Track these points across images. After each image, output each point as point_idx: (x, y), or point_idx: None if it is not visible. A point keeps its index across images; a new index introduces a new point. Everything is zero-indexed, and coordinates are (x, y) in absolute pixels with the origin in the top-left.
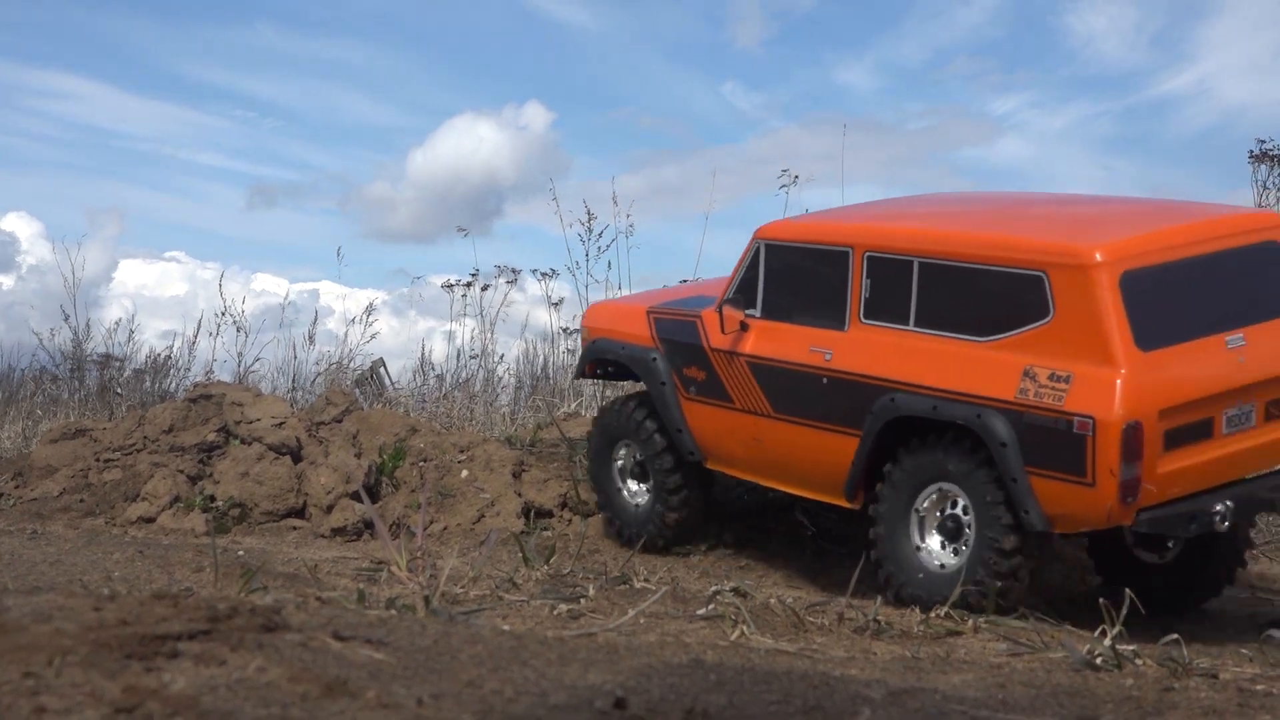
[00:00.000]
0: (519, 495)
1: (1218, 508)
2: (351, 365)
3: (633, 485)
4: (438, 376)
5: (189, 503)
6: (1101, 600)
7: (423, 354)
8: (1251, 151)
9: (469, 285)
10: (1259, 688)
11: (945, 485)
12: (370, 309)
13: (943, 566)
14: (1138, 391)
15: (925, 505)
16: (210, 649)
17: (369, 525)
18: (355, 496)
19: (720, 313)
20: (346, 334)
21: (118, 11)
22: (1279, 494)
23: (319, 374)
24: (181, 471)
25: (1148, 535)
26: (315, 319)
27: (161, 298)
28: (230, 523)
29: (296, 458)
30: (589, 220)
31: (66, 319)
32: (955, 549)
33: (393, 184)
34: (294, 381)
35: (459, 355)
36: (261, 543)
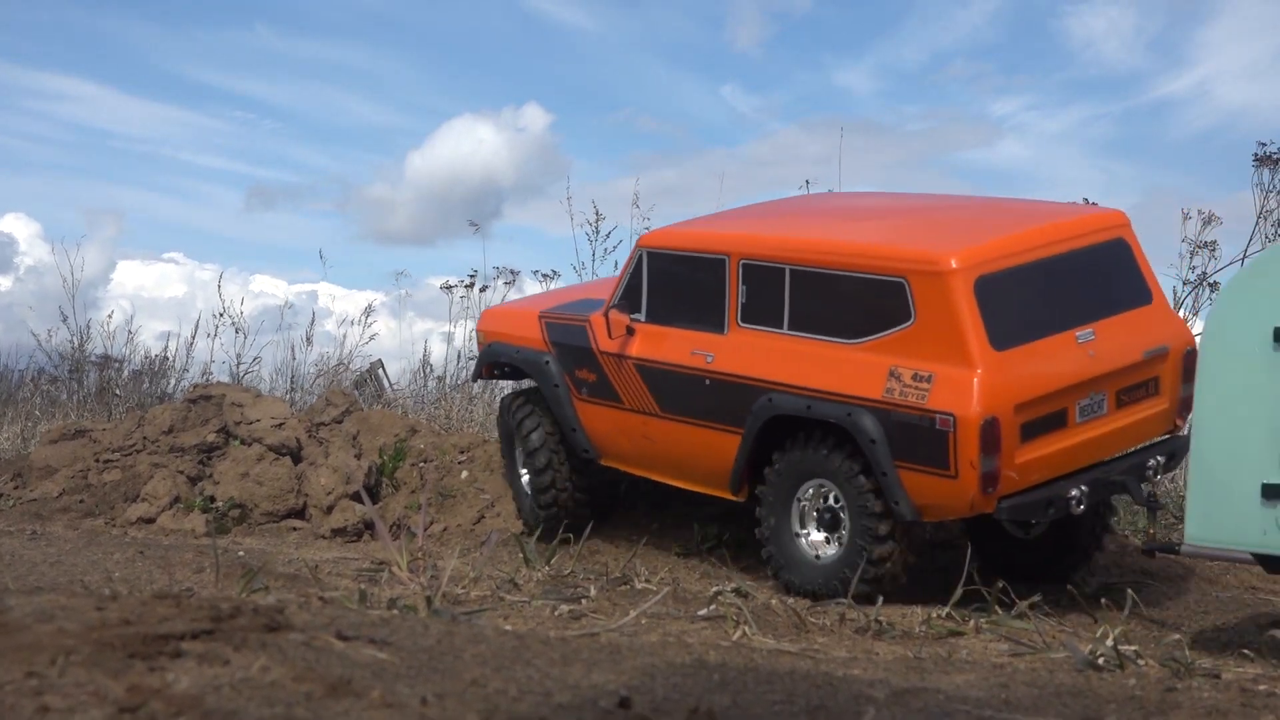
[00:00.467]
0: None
1: (1073, 492)
2: (350, 366)
3: (525, 475)
4: (437, 378)
5: (189, 503)
6: (1104, 601)
7: (424, 355)
8: (1255, 154)
9: (468, 286)
10: (1262, 688)
11: (821, 480)
12: (369, 310)
13: (818, 557)
14: (993, 389)
15: (805, 499)
16: (214, 649)
17: (369, 526)
18: (355, 497)
19: (607, 318)
20: (345, 335)
21: (116, 13)
22: (1130, 476)
23: (318, 375)
24: (181, 472)
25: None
26: (313, 320)
27: (160, 299)
28: (230, 523)
29: (296, 458)
30: (596, 221)
31: (65, 320)
32: (833, 540)
33: (391, 185)
34: (292, 382)
35: (458, 357)
36: (262, 543)
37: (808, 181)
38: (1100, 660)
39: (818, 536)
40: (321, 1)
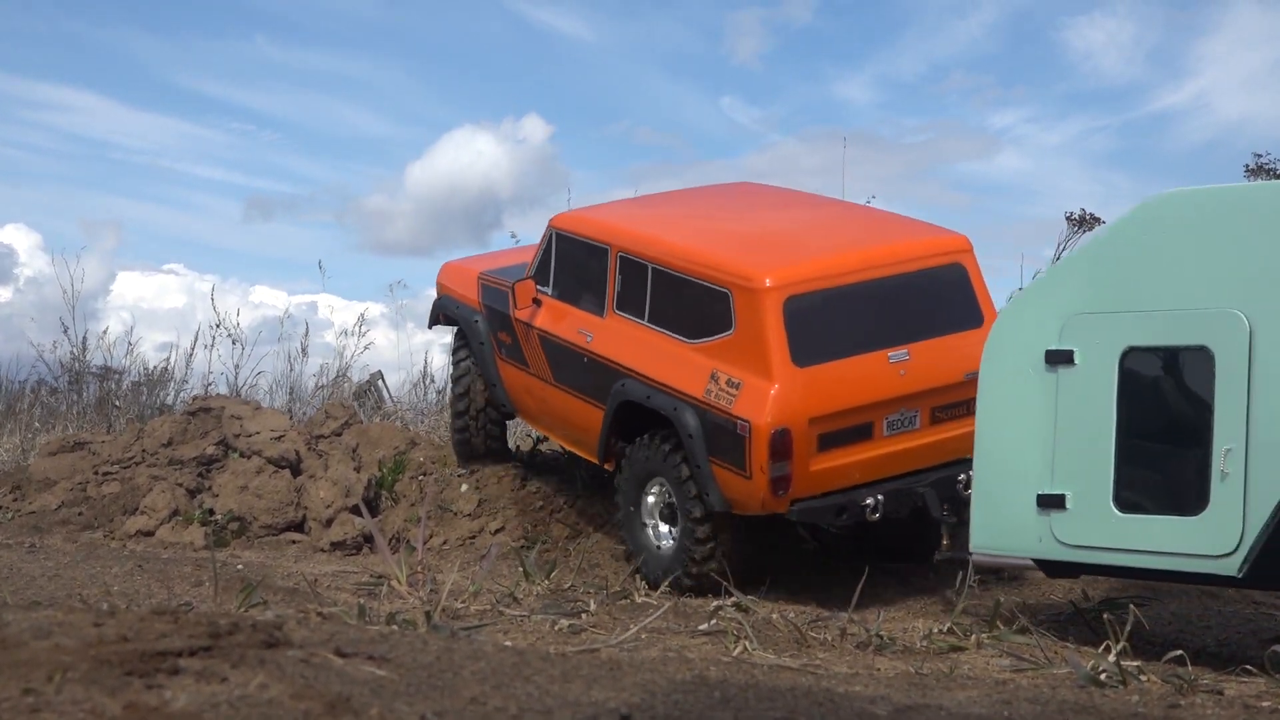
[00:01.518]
0: (520, 508)
1: (868, 500)
2: (348, 377)
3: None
4: (438, 390)
5: (188, 516)
6: (1106, 616)
7: (424, 367)
8: (1248, 165)
9: None
10: (1265, 704)
11: (661, 478)
12: (362, 320)
13: (659, 546)
14: (787, 403)
15: (652, 492)
16: (211, 666)
17: (368, 539)
18: (355, 510)
19: (512, 289)
20: (342, 347)
21: (116, 24)
22: (931, 490)
23: (318, 388)
24: (180, 485)
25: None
26: (307, 332)
27: (160, 310)
28: (229, 536)
29: (296, 471)
30: None
31: (65, 331)
32: (673, 531)
33: (390, 196)
34: (291, 394)
35: None
36: (261, 556)
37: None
38: (1103, 676)
39: (663, 528)
40: (321, 13)
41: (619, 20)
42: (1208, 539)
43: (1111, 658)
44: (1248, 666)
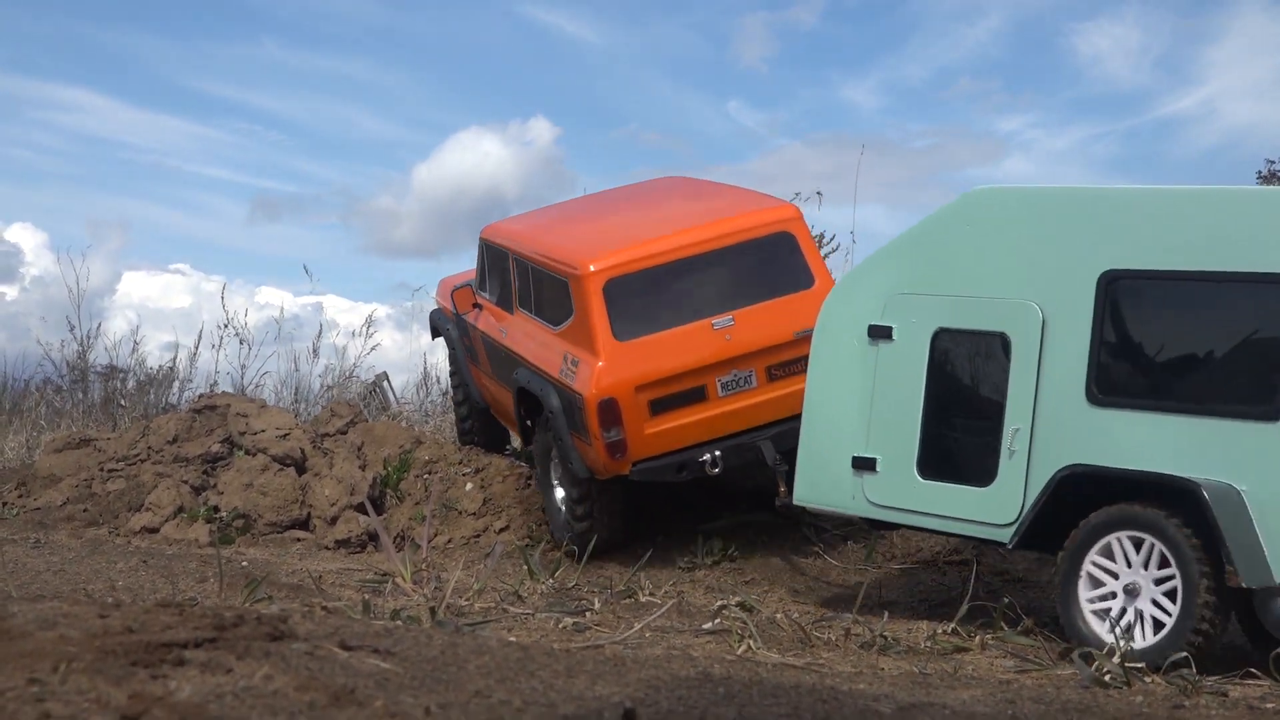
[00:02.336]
0: (524, 507)
1: (705, 457)
2: (354, 377)
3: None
4: (443, 392)
5: (193, 513)
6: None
7: (425, 368)
8: (1259, 172)
9: None
10: (1269, 705)
11: (552, 446)
12: (369, 321)
13: (561, 509)
14: (611, 375)
15: (553, 460)
16: (217, 657)
17: (373, 537)
18: (360, 508)
19: (452, 296)
20: (347, 347)
21: (123, 25)
22: (767, 442)
23: (324, 388)
24: (185, 482)
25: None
26: (320, 332)
27: (166, 310)
28: (234, 534)
29: (301, 469)
30: None
31: (71, 330)
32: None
33: (396, 198)
34: (297, 394)
35: None
36: (265, 554)
37: (819, 193)
38: (1107, 677)
39: (562, 493)
40: (329, 15)
41: (626, 24)
42: (993, 509)
43: (1116, 659)
44: (1252, 670)
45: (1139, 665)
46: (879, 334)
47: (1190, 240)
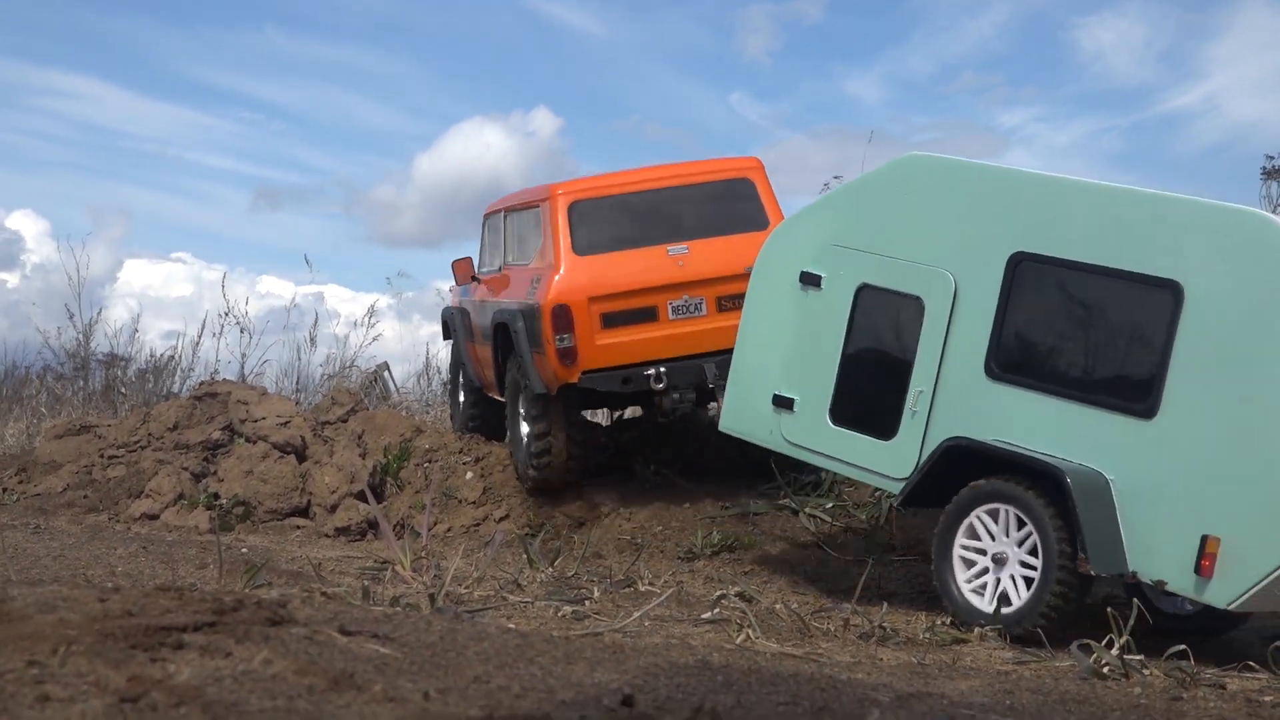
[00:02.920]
0: (524, 497)
1: (649, 372)
2: (355, 366)
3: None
4: (444, 382)
5: (193, 500)
6: (1109, 610)
7: (429, 358)
8: (1263, 168)
9: None
10: (1267, 699)
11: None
12: (371, 312)
13: (523, 442)
14: (567, 283)
15: (520, 398)
16: (216, 641)
17: (373, 525)
18: (360, 496)
19: (452, 267)
20: (348, 337)
21: (125, 12)
22: (710, 364)
23: (325, 377)
24: (186, 469)
25: (595, 391)
26: (316, 321)
27: (167, 298)
28: (234, 521)
29: (301, 457)
30: None
31: (71, 318)
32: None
33: (398, 188)
34: (298, 383)
35: None
36: (265, 541)
37: (826, 185)
38: (1105, 669)
39: (526, 428)
40: (331, 4)
41: (629, 15)
42: (890, 463)
43: (1114, 651)
44: (1250, 663)
45: (1136, 657)
46: (809, 281)
47: (1088, 233)
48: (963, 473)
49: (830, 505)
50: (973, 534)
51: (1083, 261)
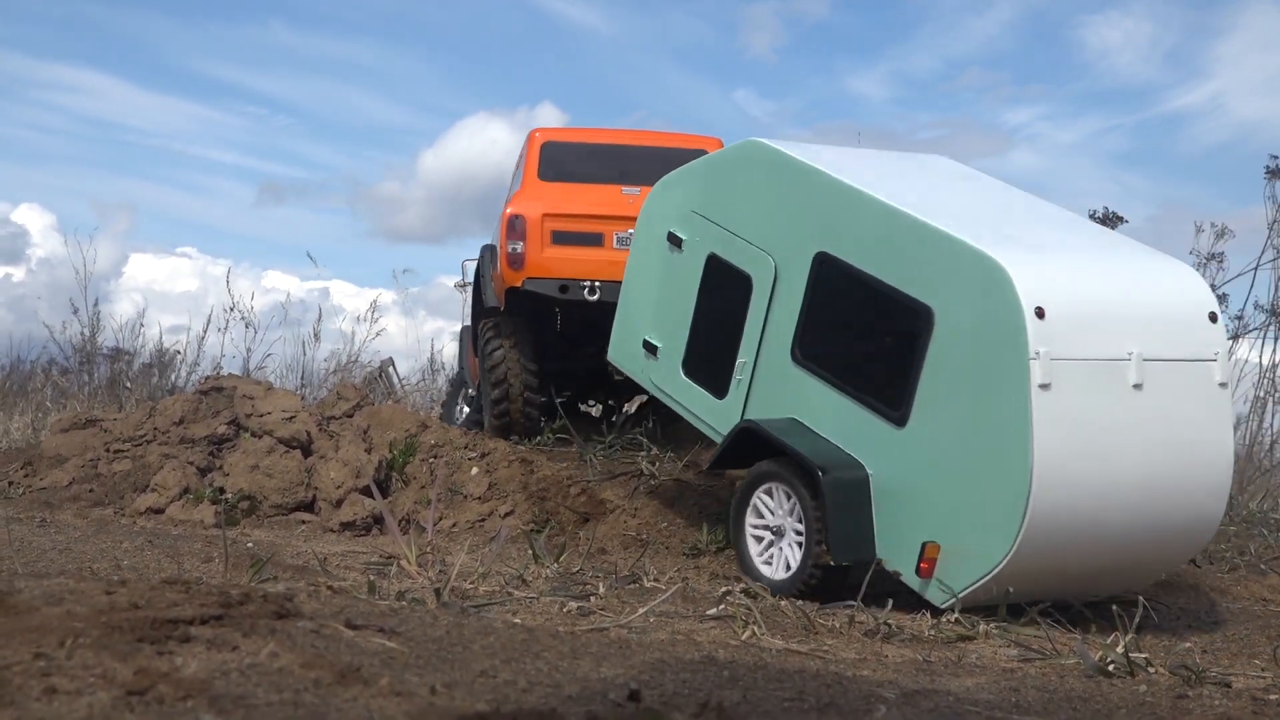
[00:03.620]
0: (529, 493)
1: (585, 284)
2: (357, 362)
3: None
4: (448, 379)
5: (198, 494)
6: (1115, 607)
7: (433, 353)
8: (1267, 167)
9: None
10: (1273, 697)
11: None
12: (374, 307)
13: (487, 374)
14: (525, 199)
15: (490, 347)
16: (222, 634)
17: (378, 520)
18: (365, 491)
19: (463, 267)
20: (354, 332)
21: (131, 7)
22: None
23: (330, 372)
24: (191, 463)
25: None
26: (320, 317)
27: (172, 293)
28: (239, 515)
29: (307, 452)
30: None
31: (76, 312)
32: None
33: (402, 183)
34: (303, 378)
35: None
36: (270, 536)
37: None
38: (1110, 667)
39: (489, 363)
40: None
41: (634, 11)
42: (720, 420)
43: (1119, 649)
44: (1255, 661)
45: (1141, 655)
46: (674, 241)
47: (869, 246)
48: (756, 449)
49: None
50: (757, 510)
51: (864, 271)
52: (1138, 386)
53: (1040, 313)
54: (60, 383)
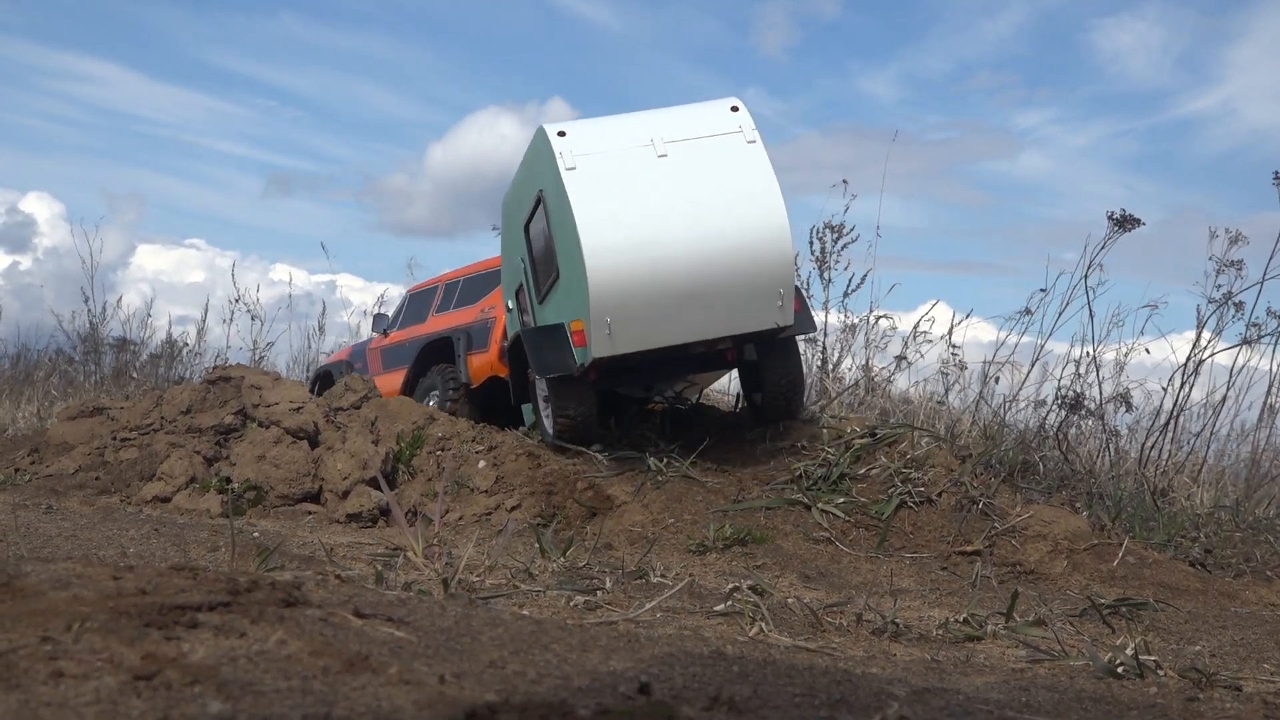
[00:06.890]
0: (536, 487)
1: None
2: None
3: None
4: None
5: (205, 484)
6: (1123, 610)
7: None
8: (1277, 173)
9: None
10: None
11: None
12: (381, 301)
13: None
14: None
15: None
16: (230, 620)
17: (385, 512)
18: (372, 483)
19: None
20: (359, 326)
21: None
22: None
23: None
24: (198, 453)
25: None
26: (324, 310)
27: (180, 284)
28: (246, 505)
29: (314, 442)
30: None
31: (84, 301)
32: None
33: (410, 177)
34: (308, 370)
35: None
36: (277, 526)
37: (845, 181)
38: (1120, 669)
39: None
40: None
41: (645, 8)
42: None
43: (1129, 651)
44: (1265, 665)
45: (1151, 658)
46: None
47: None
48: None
49: (842, 501)
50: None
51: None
52: (663, 156)
53: (562, 134)
54: (67, 371)
